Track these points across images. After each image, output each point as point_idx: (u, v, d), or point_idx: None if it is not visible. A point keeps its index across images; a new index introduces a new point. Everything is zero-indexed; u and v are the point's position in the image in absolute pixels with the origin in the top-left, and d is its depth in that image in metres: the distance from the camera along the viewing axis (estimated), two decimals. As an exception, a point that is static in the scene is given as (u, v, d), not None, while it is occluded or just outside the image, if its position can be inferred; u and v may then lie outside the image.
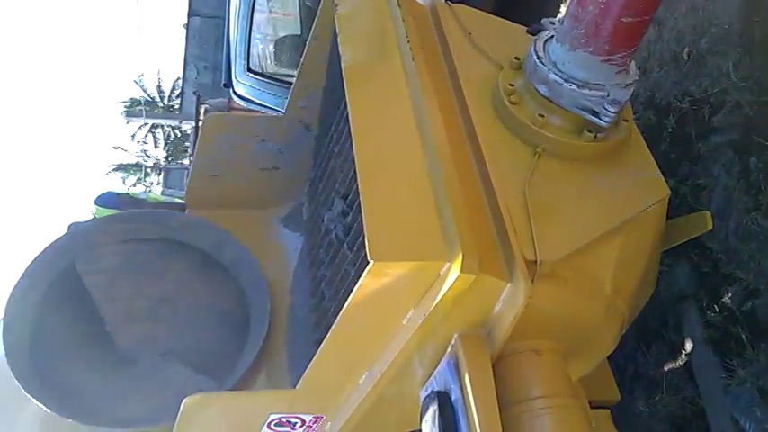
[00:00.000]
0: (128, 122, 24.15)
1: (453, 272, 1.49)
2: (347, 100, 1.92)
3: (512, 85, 1.95)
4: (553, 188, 1.83)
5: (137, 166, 25.42)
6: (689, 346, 2.67)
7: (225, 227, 2.64)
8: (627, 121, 1.96)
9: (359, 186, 1.64)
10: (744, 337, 2.41)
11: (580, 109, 1.81)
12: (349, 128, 1.81)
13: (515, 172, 1.81)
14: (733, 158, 2.60)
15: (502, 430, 1.54)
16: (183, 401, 1.78)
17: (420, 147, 1.79)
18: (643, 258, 1.93)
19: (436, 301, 1.53)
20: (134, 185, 24.23)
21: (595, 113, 1.79)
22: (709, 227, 2.11)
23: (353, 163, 1.71)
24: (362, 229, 1.50)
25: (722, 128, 2.70)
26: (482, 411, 1.55)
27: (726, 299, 2.52)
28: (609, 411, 2.12)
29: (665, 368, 2.80)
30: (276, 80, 4.28)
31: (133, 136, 25.07)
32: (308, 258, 2.61)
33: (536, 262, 1.60)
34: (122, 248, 2.61)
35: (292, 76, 2.61)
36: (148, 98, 24.62)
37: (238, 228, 2.65)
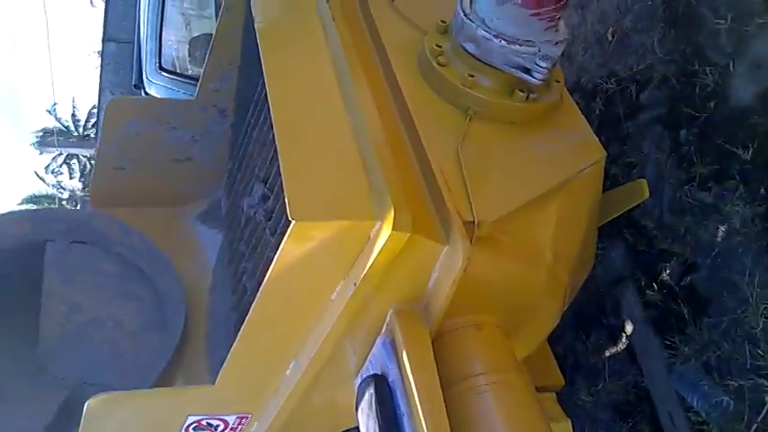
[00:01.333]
0: (41, 153, 23.13)
1: (385, 231, 1.34)
2: (263, 64, 1.76)
3: (439, 47, 1.84)
4: (486, 152, 1.73)
5: (50, 198, 24.31)
6: (629, 328, 2.61)
7: (135, 226, 2.39)
8: (558, 82, 1.89)
9: (277, 148, 1.47)
10: (685, 312, 2.36)
11: (511, 66, 1.72)
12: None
13: (446, 136, 1.71)
14: (662, 133, 2.57)
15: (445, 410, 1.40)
16: (87, 403, 1.55)
17: (344, 112, 1.66)
18: (582, 222, 1.85)
19: (367, 267, 1.38)
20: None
21: (527, 71, 1.71)
22: (646, 195, 2.06)
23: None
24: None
25: (650, 104, 2.68)
26: (424, 391, 1.42)
27: (664, 276, 2.47)
28: (554, 394, 2.04)
29: (606, 354, 2.72)
30: (191, 78, 4.03)
31: (47, 167, 24.03)
32: (228, 254, 2.41)
33: (474, 223, 1.48)
34: None
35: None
36: (62, 127, 23.66)
37: (150, 227, 2.41)
